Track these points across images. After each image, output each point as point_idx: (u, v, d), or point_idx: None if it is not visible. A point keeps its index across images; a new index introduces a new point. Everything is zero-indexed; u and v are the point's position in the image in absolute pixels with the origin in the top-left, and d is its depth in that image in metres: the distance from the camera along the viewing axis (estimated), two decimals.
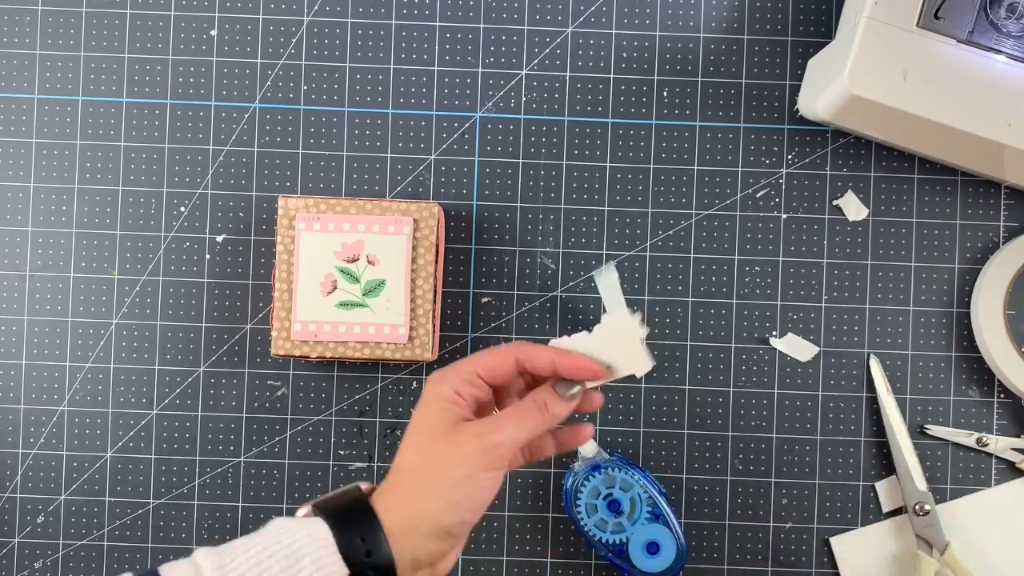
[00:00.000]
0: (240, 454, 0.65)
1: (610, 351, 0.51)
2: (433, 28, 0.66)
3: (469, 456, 0.48)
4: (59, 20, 0.65)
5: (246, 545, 0.46)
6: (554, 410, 0.50)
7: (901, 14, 0.57)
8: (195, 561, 0.45)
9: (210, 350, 0.65)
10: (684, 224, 0.65)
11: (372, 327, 0.61)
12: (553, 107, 0.66)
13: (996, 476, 0.65)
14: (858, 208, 0.65)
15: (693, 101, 0.66)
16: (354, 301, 0.61)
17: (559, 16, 0.66)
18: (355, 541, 0.46)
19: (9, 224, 0.65)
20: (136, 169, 0.65)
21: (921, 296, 0.65)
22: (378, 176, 0.65)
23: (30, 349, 0.65)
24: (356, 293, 0.61)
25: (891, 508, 0.64)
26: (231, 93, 0.66)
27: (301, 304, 0.61)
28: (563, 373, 0.50)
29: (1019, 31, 0.57)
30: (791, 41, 0.65)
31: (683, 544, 0.61)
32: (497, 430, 0.49)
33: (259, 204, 0.65)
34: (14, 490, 0.65)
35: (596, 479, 0.62)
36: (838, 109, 0.59)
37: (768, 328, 0.65)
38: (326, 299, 0.61)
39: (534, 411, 0.50)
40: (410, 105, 0.66)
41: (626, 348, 0.51)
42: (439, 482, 0.48)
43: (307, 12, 0.66)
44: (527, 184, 0.65)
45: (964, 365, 0.65)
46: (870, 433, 0.65)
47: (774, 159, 0.65)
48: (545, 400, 0.51)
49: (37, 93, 0.66)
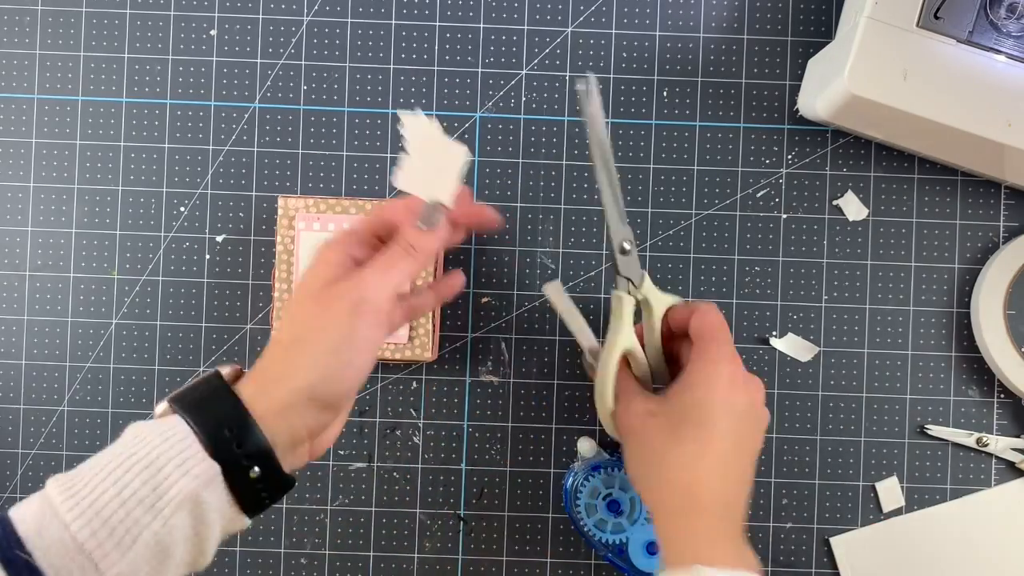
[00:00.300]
0: None
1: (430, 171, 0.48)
2: (433, 28, 0.66)
3: (340, 317, 0.44)
4: (59, 20, 0.65)
5: (100, 463, 0.41)
6: (419, 244, 0.48)
7: (901, 14, 0.57)
8: (44, 493, 0.41)
9: (210, 350, 0.65)
10: (684, 224, 0.65)
11: None
12: (553, 107, 0.66)
13: (996, 476, 0.65)
14: (858, 208, 0.65)
15: (693, 101, 0.66)
16: None
17: (559, 16, 0.66)
18: (221, 433, 0.42)
19: (9, 224, 0.65)
20: (136, 169, 0.65)
21: (921, 296, 0.65)
22: (378, 176, 0.65)
23: (30, 349, 0.65)
24: None
25: (891, 508, 0.64)
26: (231, 93, 0.66)
27: None
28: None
29: (1019, 31, 0.57)
30: (791, 41, 0.65)
31: None
32: (364, 283, 0.45)
33: (259, 204, 0.65)
34: (14, 490, 0.65)
35: (596, 479, 0.62)
36: (838, 109, 0.59)
37: (768, 328, 0.65)
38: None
39: (400, 254, 0.47)
40: (410, 105, 0.66)
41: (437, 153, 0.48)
42: (312, 351, 0.44)
43: (307, 12, 0.66)
44: (527, 184, 0.65)
45: (964, 365, 0.65)
46: (870, 433, 0.65)
47: (774, 159, 0.65)
48: (407, 239, 0.48)
49: (37, 93, 0.66)
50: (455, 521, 0.65)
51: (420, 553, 0.65)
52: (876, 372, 0.65)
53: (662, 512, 0.49)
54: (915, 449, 0.65)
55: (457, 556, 0.65)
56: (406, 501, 0.65)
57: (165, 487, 0.40)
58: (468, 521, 0.65)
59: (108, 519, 0.40)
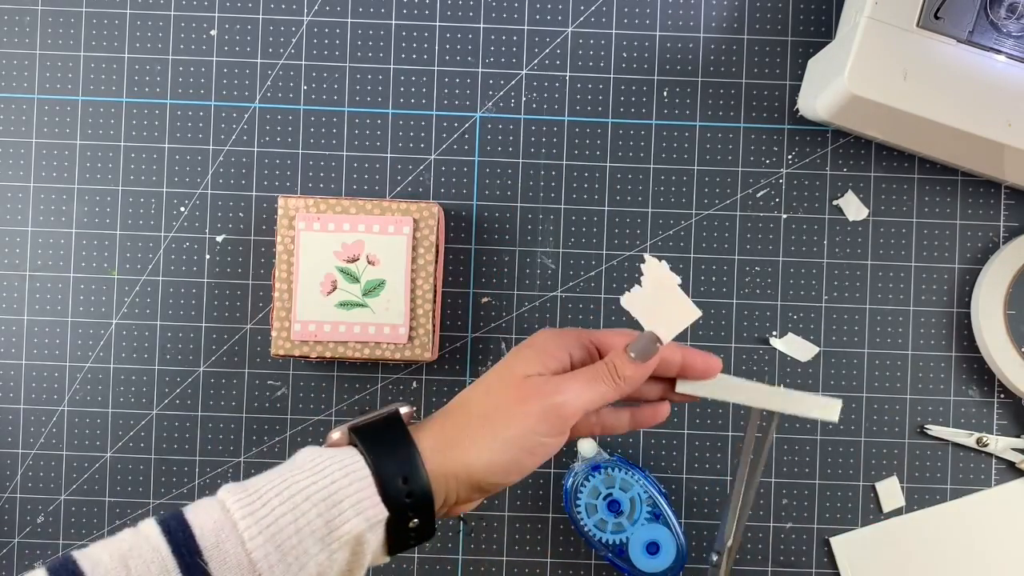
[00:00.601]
0: (240, 454, 0.65)
1: (658, 310, 0.48)
2: (433, 28, 0.66)
3: (529, 414, 0.45)
4: (59, 20, 0.65)
5: (276, 483, 0.42)
6: (624, 372, 0.47)
7: (901, 14, 0.57)
8: (222, 503, 0.41)
9: (210, 350, 0.65)
10: (684, 224, 0.65)
11: (372, 327, 0.61)
12: (553, 107, 0.66)
13: (996, 476, 0.65)
14: (858, 208, 0.65)
15: (693, 101, 0.66)
16: (354, 301, 0.61)
17: (559, 16, 0.66)
18: (396, 482, 0.43)
19: (9, 224, 0.65)
20: (136, 169, 0.65)
21: (921, 296, 0.65)
22: (378, 176, 0.65)
23: (30, 349, 0.65)
24: (356, 293, 0.61)
25: (891, 508, 0.64)
26: (231, 93, 0.66)
27: (301, 304, 0.61)
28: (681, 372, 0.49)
29: (1019, 31, 0.57)
30: (791, 41, 0.65)
31: (683, 544, 0.61)
32: (562, 390, 0.45)
33: (259, 204, 0.65)
34: (14, 490, 0.65)
35: (596, 479, 0.62)
36: (838, 109, 0.59)
37: (768, 328, 0.65)
38: (326, 299, 0.61)
39: (604, 374, 0.47)
40: (410, 105, 0.66)
41: (670, 302, 0.48)
42: (492, 436, 0.45)
43: (307, 12, 0.66)
44: (527, 184, 0.65)
45: (964, 365, 0.65)
46: (870, 433, 0.65)
47: (774, 159, 0.65)
48: (615, 363, 0.47)
49: (37, 93, 0.66)
50: (455, 521, 0.65)
51: (420, 553, 0.65)
52: (876, 372, 0.65)
53: None
54: (915, 449, 0.65)
55: (457, 556, 0.65)
56: None
57: (338, 523, 0.42)
58: (468, 521, 0.65)
59: (281, 544, 0.41)
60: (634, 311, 0.48)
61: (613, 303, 0.65)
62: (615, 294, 0.65)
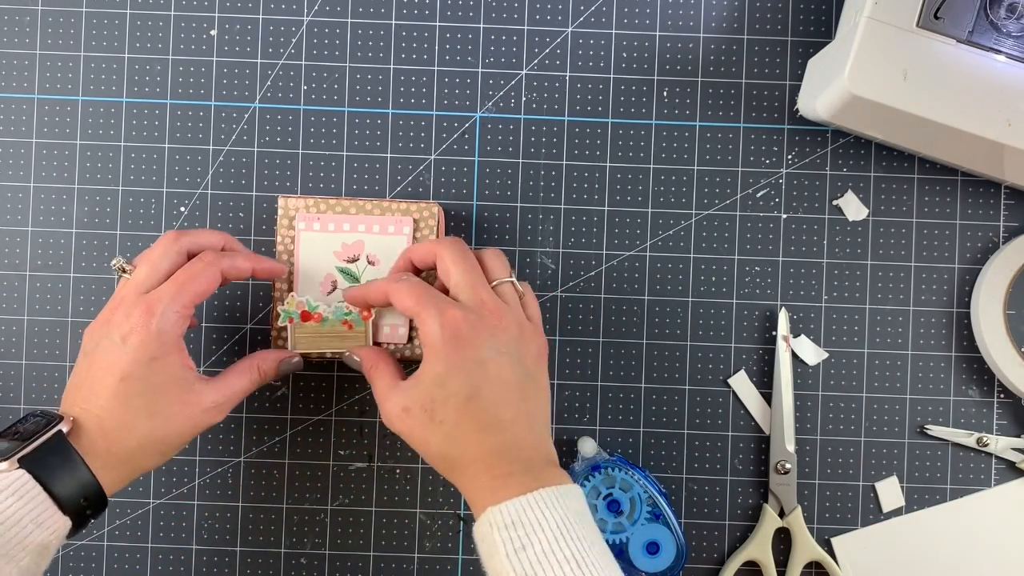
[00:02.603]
0: (240, 454, 0.65)
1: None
2: (433, 28, 0.66)
3: (197, 421, 0.54)
4: (59, 20, 0.65)
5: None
6: (267, 374, 0.58)
7: (901, 14, 0.57)
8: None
9: (210, 350, 0.65)
10: (684, 224, 0.65)
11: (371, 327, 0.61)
12: (553, 107, 0.66)
13: (996, 476, 0.65)
14: (858, 208, 0.65)
15: (693, 101, 0.66)
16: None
17: (559, 16, 0.66)
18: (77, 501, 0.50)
19: (9, 224, 0.65)
20: (136, 169, 0.65)
21: (921, 296, 0.65)
22: (378, 176, 0.65)
23: (30, 349, 0.65)
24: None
25: (891, 508, 0.64)
26: (231, 93, 0.66)
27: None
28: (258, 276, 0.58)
29: (1019, 31, 0.57)
30: (791, 41, 0.65)
31: (683, 544, 0.61)
32: (224, 395, 0.55)
33: (259, 204, 0.65)
34: None
35: (596, 479, 0.62)
36: (838, 109, 0.59)
37: (768, 328, 0.65)
38: (326, 299, 0.61)
39: (252, 372, 0.57)
40: (410, 105, 0.66)
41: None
42: (164, 446, 0.53)
43: (307, 12, 0.66)
44: (527, 184, 0.65)
45: (964, 365, 0.65)
46: (870, 433, 0.65)
47: (774, 159, 0.65)
48: (259, 364, 0.58)
49: (37, 93, 0.66)
50: (455, 521, 0.65)
51: (420, 553, 0.65)
52: (876, 372, 0.65)
53: (457, 484, 0.54)
54: (915, 449, 0.65)
55: (457, 556, 0.65)
56: (406, 501, 0.65)
57: (20, 537, 0.48)
58: (468, 521, 0.65)
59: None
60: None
61: (613, 303, 0.65)
62: (615, 294, 0.65)
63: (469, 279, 0.54)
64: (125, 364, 0.52)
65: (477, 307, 0.53)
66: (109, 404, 0.52)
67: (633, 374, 0.65)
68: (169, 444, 0.53)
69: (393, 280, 0.55)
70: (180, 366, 0.53)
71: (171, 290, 0.53)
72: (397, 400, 0.53)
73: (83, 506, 0.50)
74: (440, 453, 0.52)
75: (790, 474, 0.63)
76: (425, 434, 0.52)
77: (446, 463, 0.53)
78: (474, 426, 0.51)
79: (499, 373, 0.52)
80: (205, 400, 0.54)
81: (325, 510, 0.65)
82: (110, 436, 0.52)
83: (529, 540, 0.48)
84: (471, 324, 0.52)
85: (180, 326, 0.54)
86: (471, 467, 0.52)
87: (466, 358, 0.51)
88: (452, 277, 0.54)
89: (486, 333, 0.52)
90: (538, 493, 0.49)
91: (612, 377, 0.65)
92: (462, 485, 0.53)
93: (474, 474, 0.51)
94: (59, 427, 0.50)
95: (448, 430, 0.52)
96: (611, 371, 0.65)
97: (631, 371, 0.65)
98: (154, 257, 0.55)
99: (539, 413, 0.54)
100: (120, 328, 0.53)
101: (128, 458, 0.52)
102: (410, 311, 0.53)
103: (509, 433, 0.52)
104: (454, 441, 0.52)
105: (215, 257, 0.56)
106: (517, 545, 0.48)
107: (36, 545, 0.48)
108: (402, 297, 0.54)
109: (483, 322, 0.52)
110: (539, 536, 0.48)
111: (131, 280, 0.55)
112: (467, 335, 0.51)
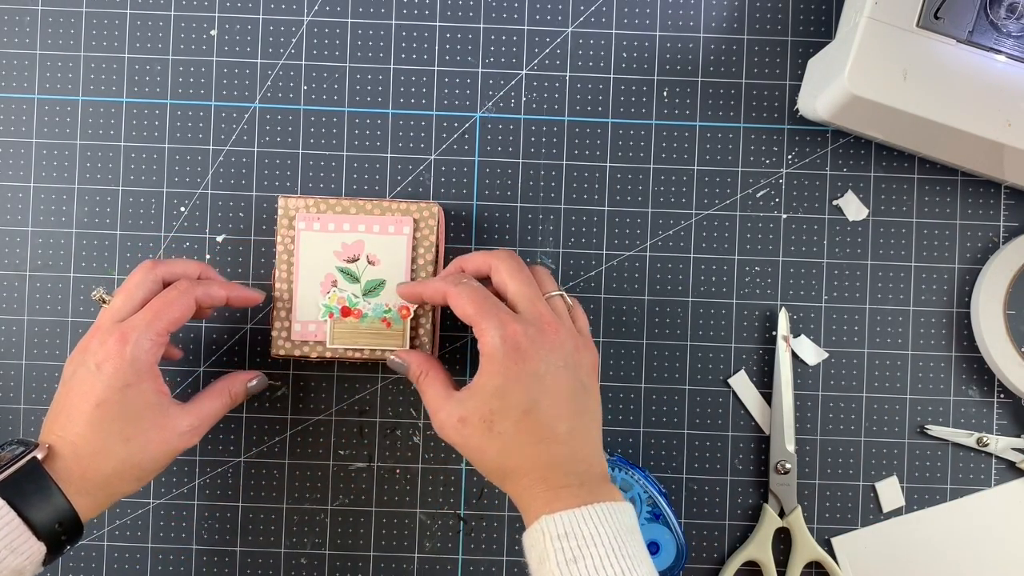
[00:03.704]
0: (240, 454, 0.65)
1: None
2: (433, 28, 0.66)
3: (173, 445, 0.55)
4: (59, 20, 0.65)
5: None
6: (237, 396, 0.60)
7: (901, 14, 0.57)
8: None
9: (210, 350, 0.65)
10: (684, 224, 0.65)
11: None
12: (553, 107, 0.66)
13: (996, 476, 0.65)
14: (858, 208, 0.65)
15: (693, 101, 0.66)
16: (354, 301, 0.61)
17: (559, 16, 0.66)
18: (51, 527, 0.50)
19: (9, 224, 0.65)
20: (136, 169, 0.65)
21: (921, 296, 0.65)
22: (378, 176, 0.65)
23: (30, 349, 0.65)
24: (356, 293, 0.61)
25: (891, 508, 0.65)
26: (231, 93, 0.66)
27: (301, 304, 0.61)
28: (233, 304, 0.59)
29: (1019, 31, 0.57)
30: (791, 41, 0.66)
31: (683, 544, 0.61)
32: (199, 418, 0.56)
33: (259, 204, 0.65)
34: None
35: None
36: (838, 109, 0.59)
37: (768, 328, 0.65)
38: (326, 299, 0.61)
39: (224, 395, 0.59)
40: (410, 105, 0.66)
41: None
42: (140, 471, 0.54)
43: (307, 12, 0.66)
44: (527, 184, 0.65)
45: (964, 365, 0.65)
46: (870, 433, 0.65)
47: (774, 159, 0.65)
48: (229, 388, 0.59)
49: (37, 93, 0.66)
50: (455, 521, 0.65)
51: (420, 553, 0.65)
52: (876, 372, 0.65)
53: (510, 492, 0.54)
54: (915, 449, 0.65)
55: (457, 556, 0.65)
56: (406, 501, 0.65)
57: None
58: (468, 521, 0.65)
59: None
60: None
61: (613, 303, 0.65)
62: (615, 294, 0.65)
63: (528, 292, 0.54)
64: (100, 391, 0.52)
65: (536, 320, 0.53)
66: (84, 431, 0.52)
67: (633, 374, 0.65)
68: (145, 469, 0.54)
69: (453, 282, 0.55)
70: (154, 392, 0.54)
71: (145, 317, 0.54)
72: (453, 410, 0.53)
73: (57, 531, 0.50)
74: (496, 464, 0.53)
75: (790, 474, 0.63)
76: (482, 444, 0.53)
77: (501, 472, 0.53)
78: (532, 439, 0.52)
79: (556, 386, 0.52)
80: (180, 424, 0.55)
81: (325, 510, 0.65)
82: (84, 462, 0.52)
83: (581, 552, 0.48)
84: (531, 338, 0.52)
85: (154, 353, 0.54)
86: (526, 478, 0.52)
87: (525, 371, 0.52)
88: (510, 288, 0.54)
89: (545, 347, 0.52)
90: (593, 507, 0.50)
91: (612, 377, 0.65)
92: (516, 494, 0.53)
93: (529, 484, 0.52)
94: (34, 454, 0.51)
95: (506, 442, 0.52)
96: (611, 371, 0.65)
97: (631, 371, 0.65)
98: (130, 286, 0.56)
99: (594, 426, 0.54)
100: (95, 356, 0.53)
101: (104, 484, 0.53)
102: (469, 318, 0.53)
103: (566, 446, 0.52)
104: (511, 453, 0.52)
105: (190, 285, 0.56)
106: (569, 556, 0.48)
107: (10, 571, 0.49)
108: (463, 303, 0.53)
109: (542, 336, 0.53)
110: (592, 549, 0.48)
111: (108, 309, 0.56)
112: (527, 348, 0.52)
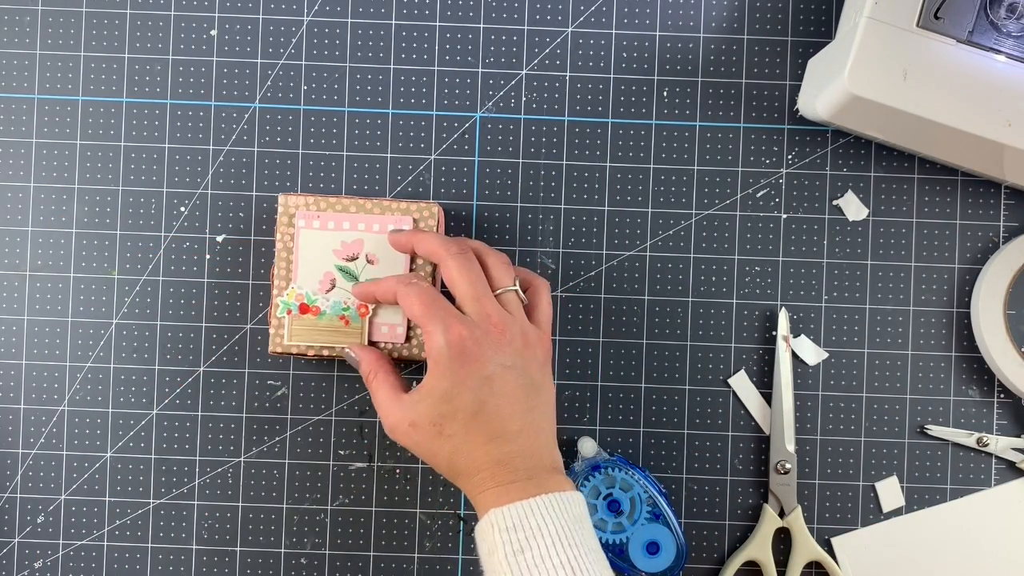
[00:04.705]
0: (240, 454, 0.65)
1: None
2: (433, 28, 0.66)
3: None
4: (59, 20, 0.65)
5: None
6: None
7: (901, 14, 0.57)
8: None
9: (210, 350, 0.65)
10: (684, 224, 0.65)
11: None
12: (553, 107, 0.66)
13: (996, 476, 0.65)
14: (858, 208, 0.65)
15: (693, 101, 0.66)
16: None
17: (559, 16, 0.66)
18: None
19: (9, 224, 0.65)
20: (136, 169, 0.65)
21: (921, 296, 0.65)
22: (378, 176, 0.65)
23: (30, 349, 0.65)
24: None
25: (891, 508, 0.64)
26: (231, 93, 0.66)
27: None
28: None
29: (1019, 31, 0.57)
30: (791, 41, 0.66)
31: (683, 544, 0.61)
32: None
33: (259, 204, 0.65)
34: (14, 490, 0.65)
35: (596, 479, 0.62)
36: (838, 109, 0.59)
37: (768, 328, 0.65)
38: (325, 296, 0.61)
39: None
40: (410, 105, 0.66)
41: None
42: None
43: (307, 12, 0.66)
44: (527, 184, 0.65)
45: (964, 365, 0.65)
46: (870, 433, 0.65)
47: (774, 159, 0.65)
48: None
49: (37, 93, 0.66)
50: (455, 521, 0.65)
51: (420, 553, 0.65)
52: (876, 372, 0.65)
53: (463, 488, 0.55)
54: (915, 449, 0.65)
55: (457, 556, 0.65)
56: (406, 501, 0.65)
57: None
58: (468, 521, 0.65)
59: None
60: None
61: (613, 303, 0.65)
62: (615, 294, 0.65)
63: (473, 292, 0.54)
64: None
65: (482, 321, 0.54)
66: None
67: (633, 374, 0.65)
68: None
69: (404, 282, 0.56)
70: None
71: None
72: (403, 415, 0.54)
73: None
74: (448, 463, 0.54)
75: (790, 474, 0.63)
76: (433, 447, 0.53)
77: (453, 471, 0.54)
78: (481, 439, 0.53)
79: (504, 387, 0.53)
80: None
81: (325, 510, 0.65)
82: None
83: (528, 543, 0.49)
84: (476, 340, 0.53)
85: None
86: (477, 475, 0.53)
87: (472, 374, 0.52)
88: (457, 288, 0.55)
89: (491, 349, 0.53)
90: (540, 499, 0.51)
91: (612, 377, 0.65)
92: (467, 490, 0.54)
93: (479, 481, 0.53)
94: None
95: (456, 443, 0.53)
96: (611, 371, 0.65)
97: (631, 371, 0.65)
98: None
99: (545, 421, 0.55)
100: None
101: None
102: (416, 319, 0.54)
103: (515, 444, 0.53)
104: (461, 453, 0.53)
105: None
106: (516, 547, 0.49)
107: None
108: (411, 303, 0.54)
109: (488, 337, 0.53)
110: (538, 541, 0.49)
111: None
112: (472, 351, 0.52)
